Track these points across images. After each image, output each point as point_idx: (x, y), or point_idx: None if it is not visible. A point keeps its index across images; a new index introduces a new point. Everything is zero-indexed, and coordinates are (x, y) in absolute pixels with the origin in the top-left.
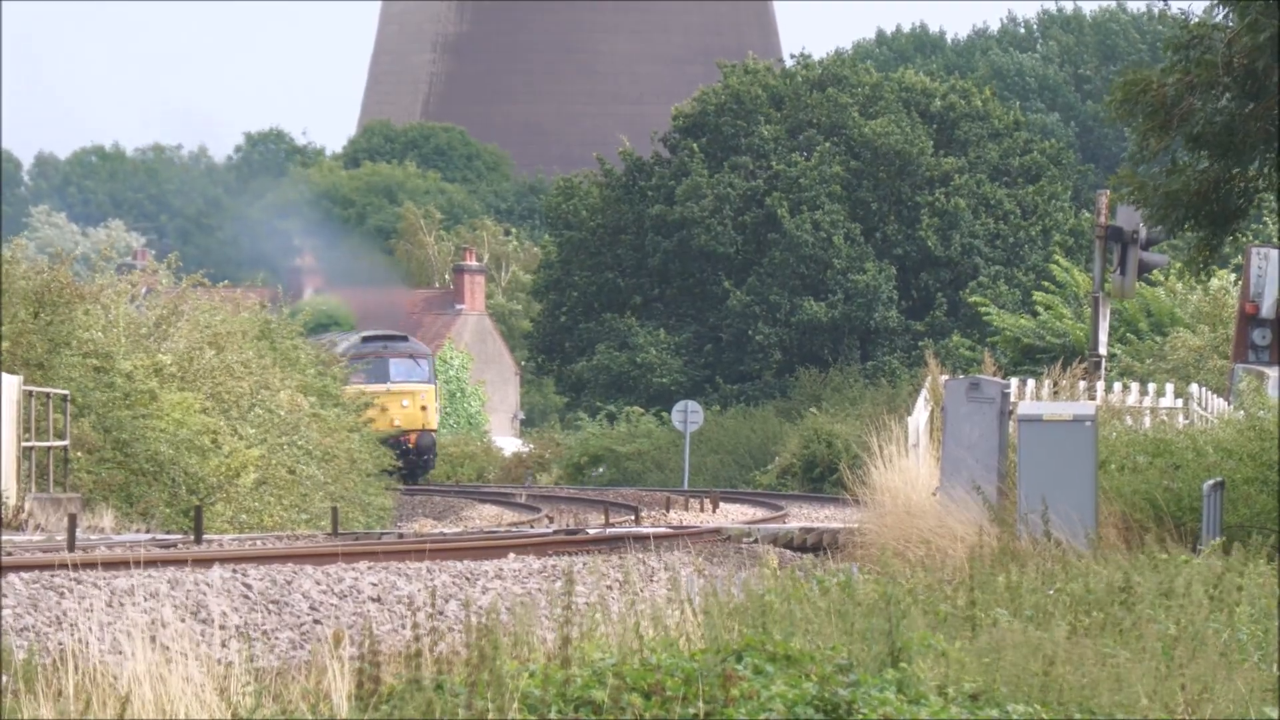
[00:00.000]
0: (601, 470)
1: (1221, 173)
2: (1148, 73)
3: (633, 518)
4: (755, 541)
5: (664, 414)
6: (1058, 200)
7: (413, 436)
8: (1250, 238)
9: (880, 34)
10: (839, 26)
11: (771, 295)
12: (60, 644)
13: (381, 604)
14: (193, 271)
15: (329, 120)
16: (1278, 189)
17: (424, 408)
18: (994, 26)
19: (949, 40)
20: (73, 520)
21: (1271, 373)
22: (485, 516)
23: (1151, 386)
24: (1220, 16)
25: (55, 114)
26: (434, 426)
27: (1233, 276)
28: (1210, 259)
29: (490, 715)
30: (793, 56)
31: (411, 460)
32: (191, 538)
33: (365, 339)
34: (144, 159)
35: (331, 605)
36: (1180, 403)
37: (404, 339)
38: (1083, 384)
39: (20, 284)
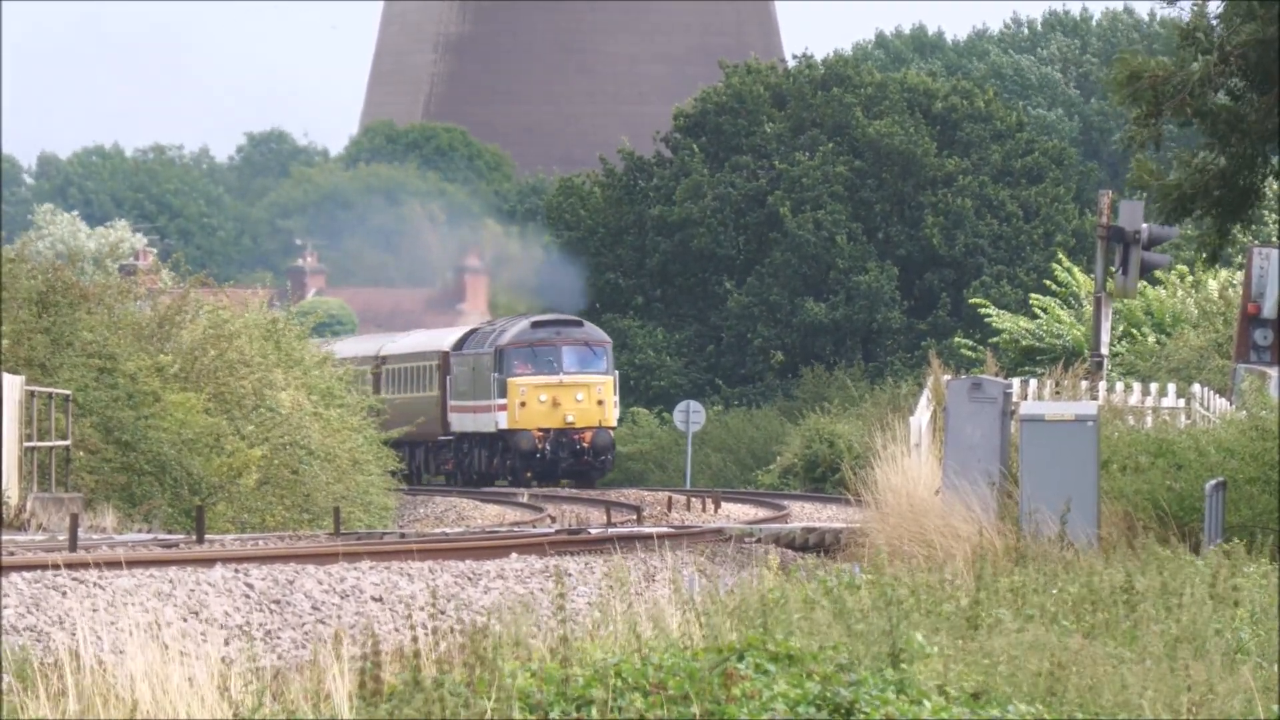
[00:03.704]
0: None
1: (1228, 166)
2: (1144, 60)
3: (635, 517)
4: (757, 541)
5: (665, 414)
6: (1060, 203)
7: (587, 435)
8: (1250, 237)
9: (880, 35)
10: (840, 27)
11: (772, 296)
12: (62, 644)
13: (383, 604)
14: (196, 272)
15: (330, 121)
16: None
17: (600, 402)
18: (995, 28)
19: (949, 41)
20: (75, 520)
21: (1273, 372)
22: (487, 516)
23: (1154, 386)
24: (1218, 12)
25: (57, 114)
26: (612, 423)
27: (1235, 275)
28: (1222, 246)
29: (490, 715)
30: (795, 57)
31: (586, 461)
32: (193, 538)
33: (535, 324)
34: (145, 159)
35: (333, 605)
36: (1182, 403)
37: (579, 324)
38: (1085, 384)
39: (24, 284)
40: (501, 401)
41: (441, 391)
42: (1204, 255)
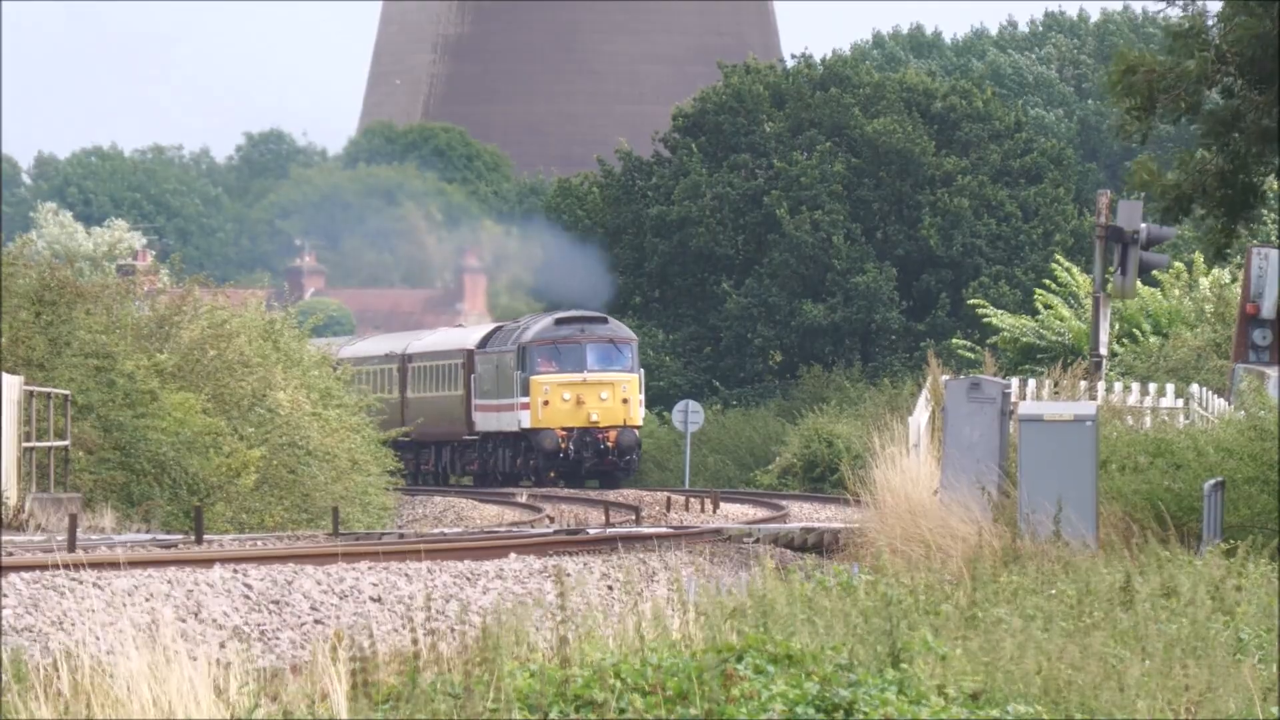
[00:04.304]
0: None
1: (1226, 165)
2: (1140, 54)
3: (634, 518)
4: (756, 541)
5: (664, 414)
6: (1058, 203)
7: (612, 434)
8: (1250, 237)
9: (877, 35)
10: (839, 27)
11: (771, 296)
12: (61, 644)
13: (382, 604)
14: (194, 273)
15: (329, 121)
16: None
17: (625, 400)
18: (993, 29)
19: (947, 40)
20: (73, 520)
21: (1272, 373)
22: (486, 516)
23: (1152, 386)
24: (1216, 10)
25: (55, 114)
26: (638, 422)
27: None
28: (1228, 244)
29: (489, 715)
30: (793, 56)
31: (611, 462)
32: (192, 538)
33: (559, 320)
34: (143, 159)
35: (332, 605)
36: (1181, 403)
37: (603, 321)
38: (1083, 384)
39: (20, 283)
40: (524, 400)
41: (466, 390)
42: (1210, 253)
